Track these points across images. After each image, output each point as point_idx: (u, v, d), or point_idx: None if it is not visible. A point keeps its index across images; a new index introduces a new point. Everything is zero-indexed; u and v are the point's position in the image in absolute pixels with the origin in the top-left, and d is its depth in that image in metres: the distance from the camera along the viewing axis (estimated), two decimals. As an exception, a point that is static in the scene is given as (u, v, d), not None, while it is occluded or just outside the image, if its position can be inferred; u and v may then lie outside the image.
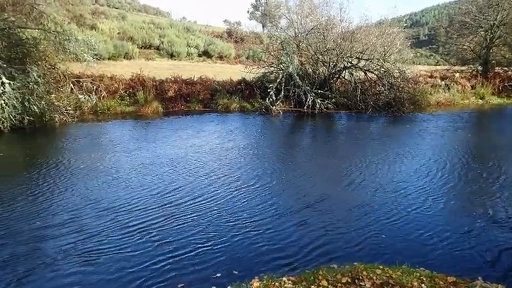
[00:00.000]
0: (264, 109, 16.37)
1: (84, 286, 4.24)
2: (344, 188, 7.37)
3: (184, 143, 10.77)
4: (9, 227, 5.49)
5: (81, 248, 4.97)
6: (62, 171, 8.08)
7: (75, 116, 13.17)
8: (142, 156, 9.31)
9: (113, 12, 35.50)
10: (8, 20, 12.37)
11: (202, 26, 43.54)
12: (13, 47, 12.34)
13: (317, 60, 17.83)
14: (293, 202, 6.64)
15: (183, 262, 4.72)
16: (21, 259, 4.69)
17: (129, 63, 24.16)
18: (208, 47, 32.02)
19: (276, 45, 18.79)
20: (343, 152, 10.47)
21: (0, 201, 6.39)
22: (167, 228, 5.56)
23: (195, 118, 14.97)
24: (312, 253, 4.97)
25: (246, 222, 5.82)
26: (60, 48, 13.29)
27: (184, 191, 7.09)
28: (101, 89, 15.03)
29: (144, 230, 5.49)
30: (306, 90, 16.69)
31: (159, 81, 16.87)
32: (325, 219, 5.93)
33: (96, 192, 6.95)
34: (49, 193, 6.84)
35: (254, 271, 4.52)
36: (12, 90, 11.22)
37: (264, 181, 7.71)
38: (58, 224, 5.60)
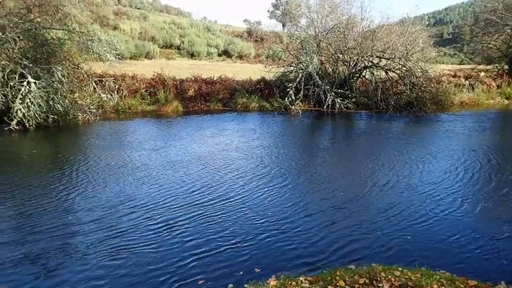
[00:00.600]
0: (283, 108, 16.34)
1: (111, 280, 4.31)
2: (371, 189, 7.26)
3: (210, 141, 10.89)
4: (43, 222, 5.62)
5: (110, 243, 5.06)
6: (93, 168, 8.25)
7: (98, 115, 13.43)
8: (170, 154, 9.45)
9: (134, 12, 36.05)
10: (34, 21, 12.73)
11: (223, 26, 43.76)
12: (39, 47, 12.68)
13: (337, 60, 17.68)
14: (320, 202, 6.58)
15: (207, 259, 4.75)
16: (52, 253, 4.80)
17: (150, 62, 24.50)
18: (228, 46, 32.17)
19: (295, 45, 18.73)
20: (368, 152, 10.31)
21: (35, 197, 6.55)
22: (195, 225, 5.61)
23: (216, 117, 15.07)
24: (335, 253, 4.91)
25: (272, 221, 5.80)
26: (83, 48, 13.60)
27: (213, 188, 7.14)
28: (122, 88, 15.29)
29: (172, 227, 5.54)
30: (326, 90, 16.57)
31: (179, 81, 17.04)
32: (352, 220, 5.86)
33: (128, 189, 7.06)
34: (82, 189, 6.99)
35: (276, 270, 4.49)
36: (38, 89, 11.53)
37: (291, 180, 7.69)
38: (90, 220, 5.71)
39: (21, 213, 5.93)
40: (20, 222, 5.62)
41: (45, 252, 4.83)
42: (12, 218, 5.77)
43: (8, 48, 11.73)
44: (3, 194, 6.66)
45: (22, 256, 4.72)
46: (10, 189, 6.90)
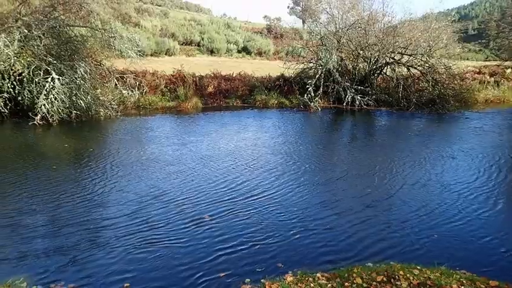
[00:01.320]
0: (302, 105, 16.26)
1: (140, 272, 4.40)
2: (402, 187, 7.16)
3: (236, 137, 11.00)
4: (75, 215, 5.75)
5: (140, 236, 5.15)
6: (123, 162, 8.39)
7: (119, 111, 13.65)
8: (200, 149, 9.57)
9: (155, 9, 36.43)
10: (59, 19, 13.01)
11: (242, 22, 43.79)
12: (63, 44, 12.96)
13: (358, 56, 17.47)
14: (350, 200, 6.51)
15: (232, 254, 4.77)
16: (83, 245, 4.91)
17: (170, 59, 24.74)
18: (248, 43, 32.17)
19: (315, 41, 18.59)
20: (394, 150, 10.18)
21: (70, 191, 6.69)
22: (224, 221, 5.65)
23: (236, 113, 15.13)
24: (361, 252, 4.83)
25: (300, 218, 5.78)
26: (105, 45, 13.84)
27: (243, 184, 7.19)
28: (143, 84, 15.49)
29: (202, 222, 5.58)
30: (346, 87, 16.41)
31: (198, 77, 17.16)
32: (381, 218, 5.78)
33: (160, 183, 7.17)
34: (114, 183, 7.13)
35: (300, 266, 4.47)
36: (61, 85, 11.80)
37: (320, 177, 7.67)
38: (121, 214, 5.81)
39: (55, 206, 6.06)
40: (53, 215, 5.76)
41: (77, 244, 4.95)
42: (45, 210, 5.92)
43: (33, 46, 12.03)
44: (36, 188, 6.82)
45: (54, 247, 4.85)
46: (42, 183, 7.08)
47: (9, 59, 11.23)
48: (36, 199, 6.33)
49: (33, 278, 4.23)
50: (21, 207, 5.98)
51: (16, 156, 8.75)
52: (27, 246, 4.88)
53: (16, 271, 4.34)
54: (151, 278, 4.31)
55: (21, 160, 8.40)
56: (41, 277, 4.27)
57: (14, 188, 6.74)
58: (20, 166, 7.97)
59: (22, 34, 11.86)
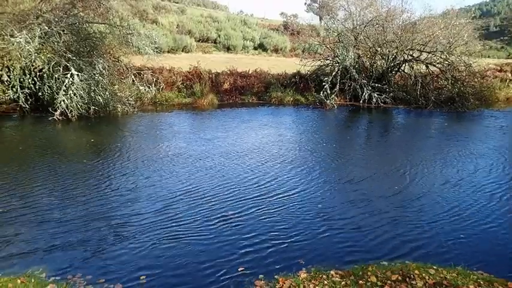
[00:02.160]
0: (318, 103, 16.15)
1: (163, 265, 4.47)
2: (432, 186, 7.05)
3: (258, 133, 11.09)
4: (103, 209, 5.85)
5: (165, 231, 5.20)
6: (153, 157, 8.52)
7: (136, 107, 13.80)
8: (224, 145, 9.65)
9: (173, 6, 36.66)
10: (78, 16, 13.22)
11: (259, 19, 43.71)
12: (82, 41, 13.16)
13: (375, 53, 17.25)
14: (379, 200, 6.42)
15: (254, 250, 4.78)
16: (106, 239, 5.01)
17: (187, 56, 24.87)
18: (264, 40, 32.10)
19: (332, 38, 18.43)
20: (418, 149, 9.98)
21: (98, 186, 6.81)
22: (251, 218, 5.65)
23: (252, 110, 15.15)
24: (391, 253, 4.74)
25: (329, 216, 5.75)
26: (123, 41, 14.00)
27: (272, 181, 7.21)
28: (160, 81, 15.63)
29: (229, 219, 5.61)
30: (363, 84, 16.24)
31: (215, 74, 17.22)
32: (412, 219, 5.69)
33: (191, 178, 7.24)
34: (140, 177, 7.23)
35: (324, 264, 4.45)
36: (80, 81, 11.99)
37: (349, 176, 7.60)
38: (148, 208, 5.91)
39: (81, 200, 6.18)
40: (78, 209, 5.87)
41: (100, 238, 5.04)
42: (71, 205, 6.03)
43: (53, 42, 12.25)
44: (63, 182, 6.94)
45: (77, 241, 4.95)
46: (68, 177, 7.21)
47: (30, 55, 11.46)
48: (62, 193, 6.45)
49: (53, 270, 4.33)
50: (46, 201, 6.11)
51: (40, 150, 8.95)
52: (50, 238, 4.98)
53: (37, 262, 4.45)
54: (168, 271, 4.36)
55: (45, 155, 8.59)
56: (60, 269, 4.36)
57: (38, 183, 6.89)
58: (44, 160, 8.14)
59: (42, 31, 12.09)
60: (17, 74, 11.66)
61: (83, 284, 4.08)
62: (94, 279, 4.17)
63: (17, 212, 5.69)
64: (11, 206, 5.89)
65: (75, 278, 4.17)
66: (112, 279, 4.18)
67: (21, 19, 12.37)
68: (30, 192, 6.43)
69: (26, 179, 7.03)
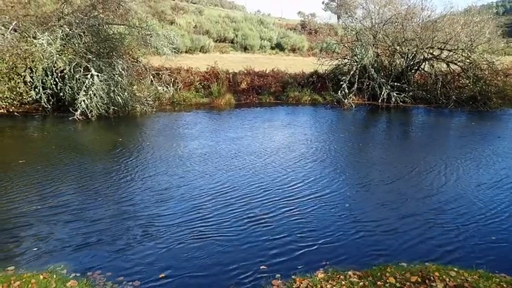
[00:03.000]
0: (335, 102, 16.03)
1: (178, 264, 4.52)
2: (467, 188, 6.90)
3: (281, 133, 11.16)
4: (132, 210, 5.92)
5: (192, 230, 5.26)
6: (183, 156, 8.62)
7: (154, 107, 13.95)
8: (251, 144, 9.72)
9: (190, 7, 36.93)
10: (98, 17, 13.45)
11: (276, 19, 43.64)
12: (102, 42, 13.39)
13: (394, 52, 17.01)
14: (413, 202, 6.31)
15: (279, 251, 4.79)
16: (130, 237, 5.10)
17: (204, 56, 25.02)
18: (281, 39, 32.03)
19: (350, 37, 18.26)
20: (445, 149, 9.80)
21: (126, 185, 6.93)
22: (281, 218, 5.64)
23: (271, 110, 15.14)
24: (424, 257, 4.62)
25: (360, 219, 5.68)
26: (142, 42, 14.18)
27: (303, 180, 7.20)
28: (177, 81, 15.76)
29: (259, 219, 5.63)
30: (381, 83, 16.03)
31: (232, 74, 17.27)
32: (448, 222, 5.58)
33: (219, 177, 7.31)
34: (182, 177, 7.30)
35: (349, 266, 4.41)
36: (100, 81, 12.19)
37: (380, 177, 7.51)
38: (181, 209, 5.94)
39: (109, 199, 6.30)
40: (106, 207, 5.98)
41: (124, 236, 5.12)
42: (98, 202, 6.16)
43: (74, 43, 12.50)
44: (89, 181, 7.07)
45: (100, 238, 5.06)
46: (95, 176, 7.35)
47: (52, 56, 11.71)
48: (87, 192, 6.57)
49: (74, 266, 4.42)
50: (70, 199, 6.23)
51: (63, 150, 9.12)
52: (73, 236, 5.09)
53: (59, 259, 4.55)
54: (188, 270, 4.39)
55: (69, 154, 8.76)
56: (81, 266, 4.45)
57: (63, 181, 7.03)
58: (69, 160, 8.31)
59: (64, 32, 12.35)
60: (39, 75, 11.93)
61: (103, 281, 4.15)
62: (113, 276, 4.24)
63: (43, 210, 5.82)
64: (38, 203, 6.03)
65: (95, 275, 4.25)
66: (131, 276, 4.24)
67: (44, 21, 12.67)
68: (56, 191, 6.57)
69: (50, 177, 7.18)
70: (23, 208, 5.84)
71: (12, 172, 7.36)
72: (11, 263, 4.45)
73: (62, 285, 3.97)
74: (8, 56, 11.09)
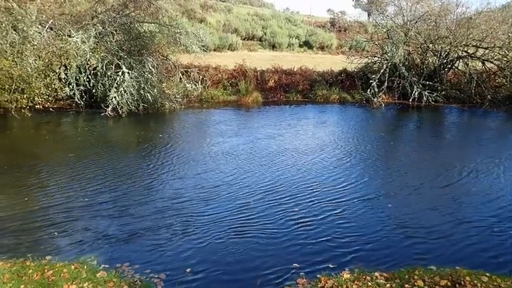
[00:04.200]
0: (364, 101, 15.76)
1: (204, 259, 4.60)
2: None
3: (323, 131, 11.25)
4: (175, 207, 6.01)
5: (232, 228, 5.33)
6: (216, 152, 8.77)
7: (182, 104, 14.13)
8: (285, 143, 9.73)
9: (220, 5, 37.16)
10: (130, 16, 13.73)
11: (305, 16, 43.29)
12: (133, 40, 13.65)
13: (426, 50, 16.55)
14: (466, 207, 6.14)
15: (317, 251, 4.79)
16: (166, 233, 5.20)
17: (232, 54, 25.12)
18: (310, 37, 31.74)
19: (381, 34, 17.89)
20: (488, 151, 9.49)
21: (156, 179, 7.13)
22: (324, 221, 5.60)
23: (300, 108, 15.05)
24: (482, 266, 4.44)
25: (407, 223, 5.57)
26: (172, 40, 14.37)
27: (347, 182, 7.15)
28: (206, 78, 15.90)
29: (302, 221, 5.61)
30: (412, 82, 15.64)
31: (259, 72, 17.25)
32: (492, 226, 5.43)
33: (263, 175, 7.39)
34: (231, 175, 7.41)
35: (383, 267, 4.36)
36: (130, 79, 12.45)
37: (430, 180, 7.33)
38: (223, 208, 6.00)
39: (145, 194, 6.45)
40: (141, 202, 6.13)
41: (159, 231, 5.23)
42: (133, 197, 6.31)
43: (106, 41, 12.82)
44: (131, 176, 7.27)
45: (132, 232, 5.20)
46: (133, 171, 7.56)
47: (85, 54, 12.05)
48: (125, 187, 6.74)
49: (104, 258, 4.55)
50: (107, 194, 6.43)
51: (99, 145, 9.42)
52: (105, 229, 5.25)
53: (90, 251, 4.71)
54: (216, 266, 4.45)
55: (105, 149, 9.03)
56: (111, 258, 4.58)
57: (99, 176, 7.24)
58: (105, 155, 8.56)
59: (97, 31, 12.68)
60: (73, 72, 12.30)
61: (131, 273, 4.26)
62: (141, 268, 4.34)
63: (80, 203, 6.01)
64: (77, 198, 6.24)
65: (124, 267, 4.36)
66: (158, 270, 4.33)
67: (78, 20, 13.04)
68: (94, 185, 6.76)
69: (90, 172, 7.39)
70: (61, 201, 6.05)
71: (53, 167, 7.61)
72: (46, 252, 4.63)
73: (92, 276, 4.10)
74: (44, 53, 11.47)
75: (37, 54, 11.35)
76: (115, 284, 4.00)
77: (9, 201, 5.99)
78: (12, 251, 4.61)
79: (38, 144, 9.53)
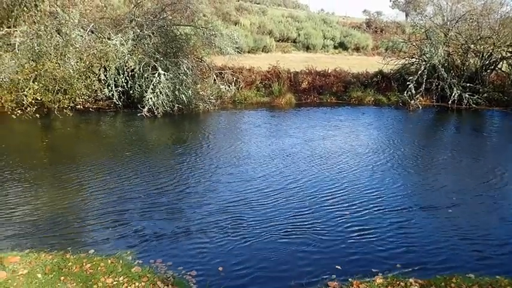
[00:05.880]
0: (400, 103, 15.37)
1: (236, 259, 4.64)
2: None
3: (359, 135, 11.07)
4: (217, 208, 6.05)
5: (270, 229, 5.35)
6: (269, 154, 8.80)
7: (216, 105, 14.29)
8: (330, 145, 9.67)
9: (254, 7, 37.37)
10: (167, 19, 14.07)
11: (340, 17, 42.79)
12: (169, 42, 13.96)
13: (467, 50, 15.93)
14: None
15: (360, 254, 4.78)
16: (200, 232, 5.28)
17: (266, 56, 25.18)
18: (345, 38, 31.34)
19: (419, 35, 17.40)
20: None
21: (199, 179, 7.26)
22: (385, 231, 5.46)
23: (333, 110, 14.88)
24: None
25: (471, 235, 5.39)
26: (207, 42, 14.59)
27: (402, 189, 7.06)
28: (239, 80, 16.01)
29: (346, 221, 5.63)
30: (452, 84, 15.10)
31: (293, 73, 17.19)
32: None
33: (311, 176, 7.43)
34: (254, 171, 7.58)
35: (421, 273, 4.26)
36: (166, 80, 12.74)
37: (479, 190, 7.10)
38: (262, 209, 6.05)
39: (182, 192, 6.60)
40: (177, 200, 6.29)
41: (193, 229, 5.32)
42: (171, 196, 6.47)
43: (144, 44, 13.18)
44: (173, 174, 7.45)
45: (167, 230, 5.31)
46: (165, 169, 7.74)
47: (124, 56, 12.44)
48: (160, 185, 6.89)
49: (139, 254, 4.68)
50: (143, 191, 6.61)
51: (137, 144, 9.74)
52: (141, 226, 5.40)
53: (126, 246, 4.87)
54: (251, 266, 4.48)
55: (143, 148, 9.31)
56: (145, 254, 4.72)
57: (134, 173, 7.48)
58: (144, 154, 8.79)
59: (135, 33, 13.06)
60: (112, 73, 12.72)
61: (164, 269, 4.36)
62: (174, 265, 4.44)
63: (120, 200, 6.22)
64: (118, 194, 6.46)
65: (157, 263, 4.47)
66: (190, 267, 4.41)
67: (117, 23, 13.49)
68: (134, 183, 6.99)
69: (131, 170, 7.64)
70: (100, 198, 6.29)
71: (94, 165, 7.89)
72: (85, 246, 4.82)
73: (127, 270, 4.22)
74: (86, 55, 11.94)
75: (79, 57, 11.83)
76: (149, 279, 4.10)
77: (52, 197, 6.28)
78: (53, 244, 4.83)
79: (79, 143, 9.94)
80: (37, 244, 4.82)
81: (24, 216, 5.57)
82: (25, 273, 4.12)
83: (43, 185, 6.86)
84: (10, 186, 6.70)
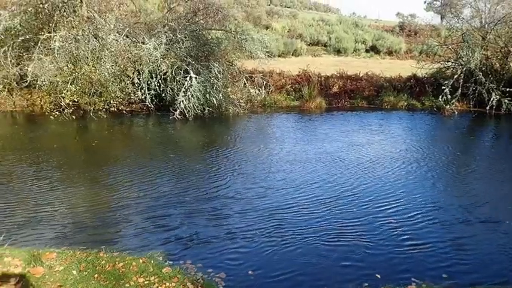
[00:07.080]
0: (435, 108, 14.93)
1: (281, 266, 4.60)
2: None
3: (396, 140, 10.86)
4: (252, 212, 6.08)
5: (303, 236, 5.31)
6: (303, 158, 8.79)
7: (246, 108, 14.35)
8: (367, 151, 9.50)
9: (285, 11, 37.40)
10: (199, 23, 14.29)
11: (372, 21, 42.17)
12: (201, 46, 14.16)
13: (507, 54, 15.32)
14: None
15: (408, 259, 4.73)
16: (230, 236, 5.30)
17: (296, 59, 25.11)
18: (377, 42, 30.84)
19: (455, 38, 16.87)
20: None
21: (230, 181, 7.32)
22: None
23: (367, 115, 14.63)
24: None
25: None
26: (237, 46, 14.70)
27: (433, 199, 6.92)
28: (269, 84, 16.01)
29: (390, 227, 5.57)
30: (490, 88, 14.55)
31: (324, 77, 17.04)
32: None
33: (362, 182, 7.40)
34: (286, 177, 7.55)
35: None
36: (197, 83, 12.91)
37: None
38: (296, 215, 6.02)
39: (215, 196, 6.64)
40: (210, 204, 6.32)
41: (224, 233, 5.35)
42: (203, 199, 6.53)
43: (176, 48, 13.43)
44: (201, 176, 7.57)
45: (198, 232, 5.36)
46: (202, 171, 7.86)
47: (156, 60, 12.72)
48: (193, 187, 7.00)
49: (169, 255, 4.75)
50: (175, 194, 6.69)
51: (169, 146, 9.92)
52: (172, 227, 5.48)
53: (157, 247, 4.96)
54: (282, 272, 4.46)
55: (174, 150, 9.47)
56: (176, 255, 4.78)
57: (170, 175, 7.61)
58: (176, 156, 8.92)
59: (168, 38, 13.33)
60: (145, 77, 13.03)
61: (194, 271, 4.39)
62: (204, 268, 4.46)
63: (151, 200, 6.33)
64: (152, 195, 6.59)
65: (187, 264, 4.51)
66: (220, 269, 4.42)
67: (151, 28, 13.82)
68: (162, 185, 7.08)
69: (167, 173, 7.75)
70: (134, 199, 6.43)
71: (128, 166, 8.09)
72: (118, 245, 4.93)
73: (158, 270, 4.29)
74: (120, 59, 12.30)
75: (114, 60, 12.18)
76: (179, 280, 4.14)
77: (87, 197, 6.47)
78: (88, 242, 4.96)
79: (114, 144, 10.22)
80: (73, 242, 4.97)
81: (64, 215, 5.77)
82: (61, 269, 4.25)
83: (83, 185, 7.08)
84: (57, 186, 6.91)
